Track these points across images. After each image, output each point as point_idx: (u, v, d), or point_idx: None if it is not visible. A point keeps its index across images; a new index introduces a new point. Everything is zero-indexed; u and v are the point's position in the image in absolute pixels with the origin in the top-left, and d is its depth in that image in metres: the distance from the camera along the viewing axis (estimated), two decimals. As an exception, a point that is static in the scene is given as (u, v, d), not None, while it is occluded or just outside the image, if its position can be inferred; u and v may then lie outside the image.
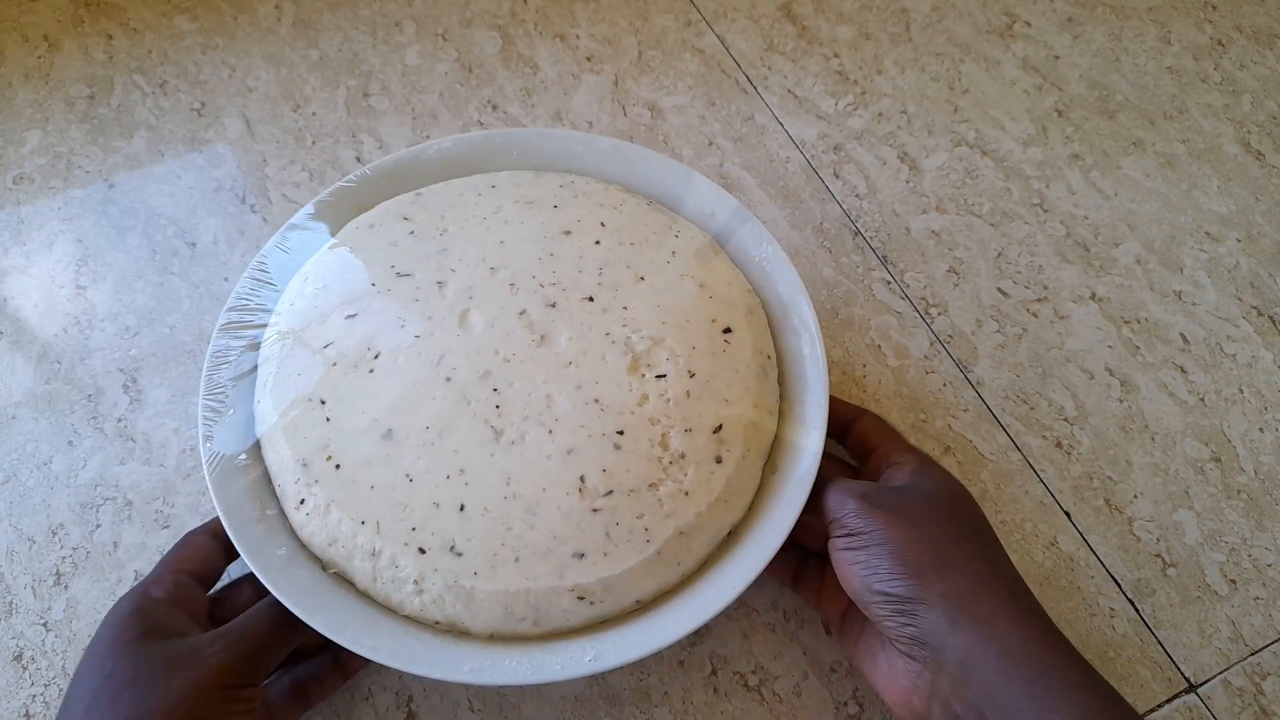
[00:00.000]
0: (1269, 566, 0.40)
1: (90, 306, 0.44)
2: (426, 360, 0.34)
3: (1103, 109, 0.54)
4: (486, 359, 0.34)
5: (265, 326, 0.36)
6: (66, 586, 0.37)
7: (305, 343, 0.35)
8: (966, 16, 0.58)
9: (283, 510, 0.33)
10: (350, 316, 0.35)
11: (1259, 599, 0.39)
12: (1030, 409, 0.43)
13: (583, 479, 0.32)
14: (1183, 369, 0.45)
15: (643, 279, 0.37)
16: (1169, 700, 0.37)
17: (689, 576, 0.33)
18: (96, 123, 0.50)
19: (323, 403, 0.34)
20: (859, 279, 0.47)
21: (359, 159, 0.50)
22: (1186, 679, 0.37)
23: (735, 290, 0.38)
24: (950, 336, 0.45)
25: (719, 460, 0.33)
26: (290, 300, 0.37)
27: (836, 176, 0.51)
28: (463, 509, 0.31)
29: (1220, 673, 0.37)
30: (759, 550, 0.32)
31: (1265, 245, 0.49)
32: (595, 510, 0.32)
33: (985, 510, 0.33)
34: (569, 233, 0.38)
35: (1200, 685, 0.37)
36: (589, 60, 0.55)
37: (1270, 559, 0.40)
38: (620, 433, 0.33)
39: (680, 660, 0.36)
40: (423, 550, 0.31)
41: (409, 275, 0.36)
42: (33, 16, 0.54)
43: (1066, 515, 0.41)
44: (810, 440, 0.34)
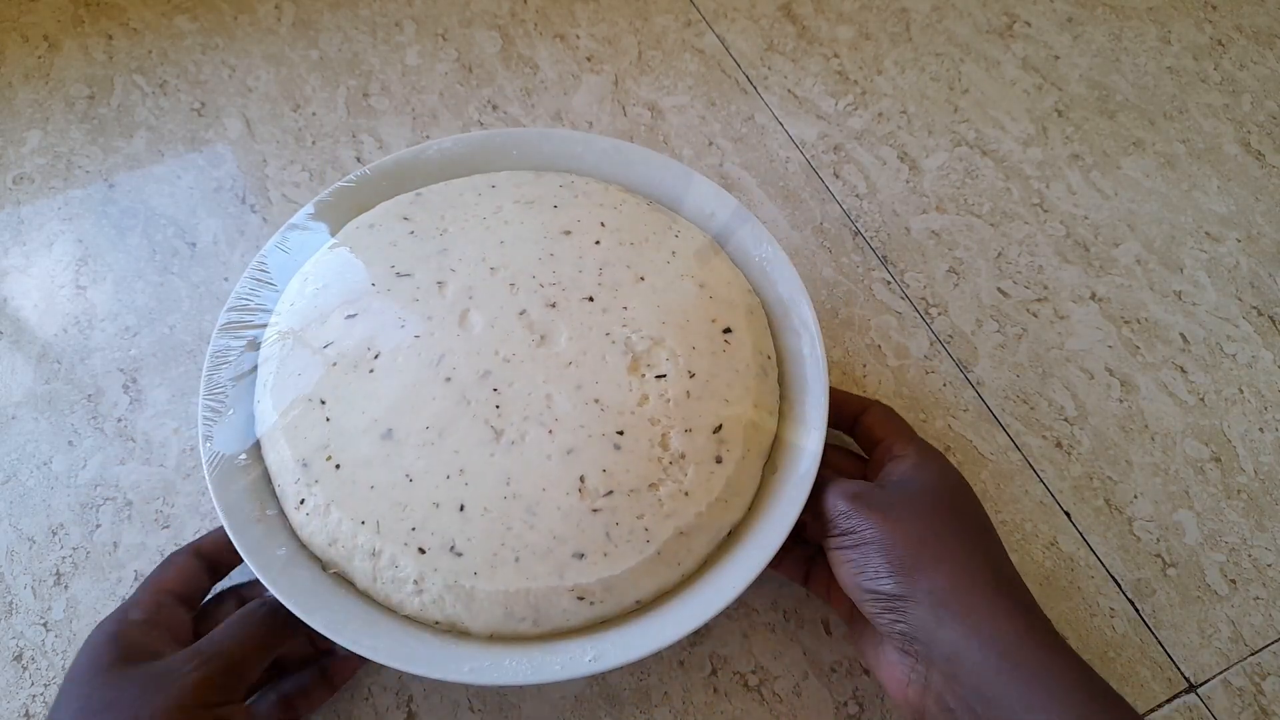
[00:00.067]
0: (1269, 566, 0.40)
1: (90, 306, 0.44)
2: (426, 360, 0.34)
3: (1103, 109, 0.54)
4: (486, 359, 0.34)
5: (265, 326, 0.36)
6: (66, 586, 0.37)
7: (305, 343, 0.35)
8: (966, 16, 0.58)
9: (283, 510, 0.33)
10: (350, 316, 0.35)
11: (1259, 599, 0.39)
12: (1030, 409, 0.43)
13: (583, 479, 0.32)
14: (1183, 369, 0.45)
15: (643, 279, 0.37)
16: (1169, 700, 0.37)
17: (689, 577, 0.33)
18: (96, 123, 0.50)
19: (323, 403, 0.34)
20: (859, 279, 0.47)
21: (359, 159, 0.50)
22: (1186, 679, 0.37)
23: (735, 290, 0.38)
24: (950, 336, 0.45)
25: (719, 460, 0.33)
26: (290, 300, 0.37)
27: (836, 176, 0.51)
28: (463, 509, 0.31)
29: (1220, 673, 0.37)
30: (759, 550, 0.32)
31: (1265, 245, 0.49)
32: (595, 510, 0.32)
33: (985, 509, 0.33)
34: (569, 233, 0.38)
35: (1200, 685, 0.37)
36: (589, 60, 0.55)
37: (1270, 559, 0.40)
38: (620, 433, 0.33)
39: (680, 660, 0.36)
40: (423, 550, 0.31)
41: (409, 275, 0.36)
42: (33, 16, 0.54)
43: (1066, 515, 0.41)
44: (810, 440, 0.34)
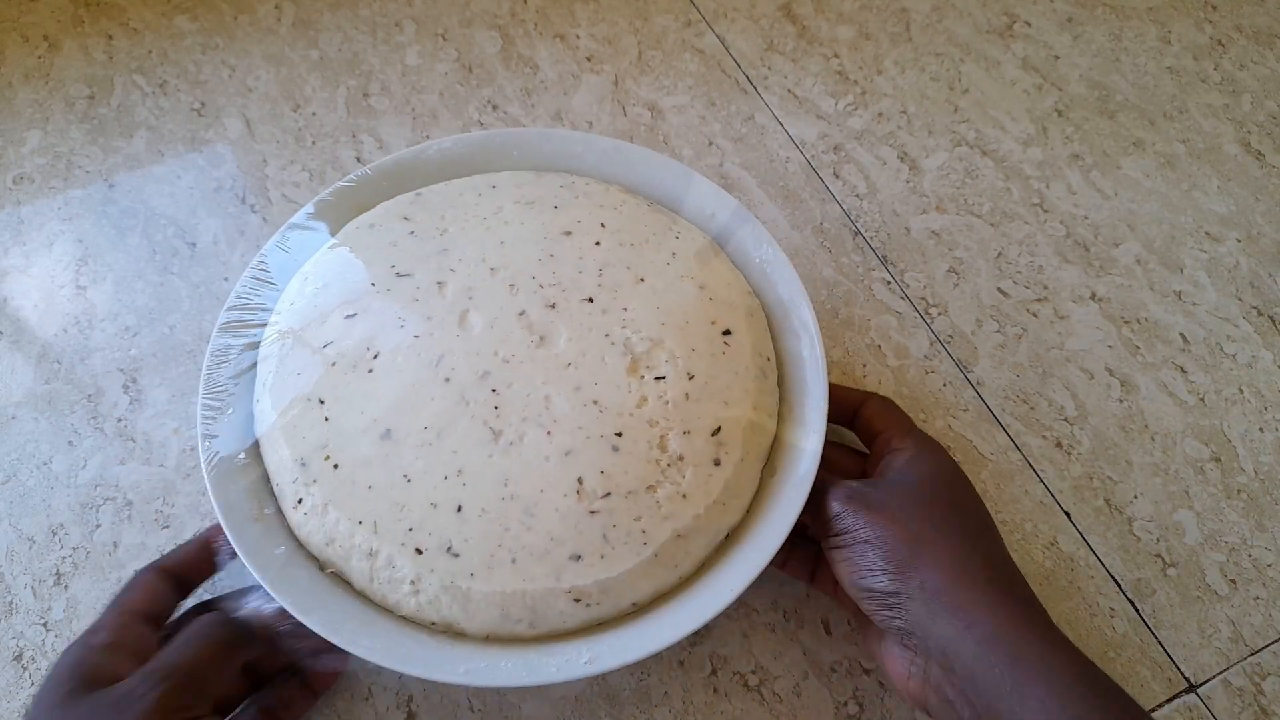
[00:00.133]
0: (1269, 566, 0.40)
1: (90, 306, 0.44)
2: (426, 360, 0.34)
3: (1103, 109, 0.54)
4: (486, 359, 0.34)
5: (265, 326, 0.36)
6: (66, 586, 0.37)
7: (305, 342, 0.35)
8: (966, 16, 0.58)
9: (281, 510, 0.33)
10: (350, 316, 0.35)
11: (1259, 599, 0.39)
12: (1030, 409, 0.43)
13: (580, 481, 0.32)
14: (1183, 369, 0.45)
15: (643, 280, 0.37)
16: (1169, 700, 0.37)
17: (686, 579, 0.33)
18: (96, 123, 0.50)
19: (321, 402, 0.34)
20: (859, 279, 0.47)
21: (359, 159, 0.50)
22: (1186, 679, 0.37)
23: (735, 292, 0.38)
24: (950, 336, 0.45)
25: (717, 463, 0.33)
26: (290, 300, 0.37)
27: (836, 176, 0.51)
28: (460, 510, 0.31)
29: (1220, 673, 0.37)
30: (756, 553, 0.32)
31: (1265, 245, 0.49)
32: (593, 512, 0.31)
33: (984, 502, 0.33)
34: (569, 233, 0.38)
35: (1200, 685, 0.37)
36: (589, 60, 0.55)
37: (1270, 559, 0.40)
38: (619, 434, 0.33)
39: (680, 660, 0.36)
40: (420, 551, 0.31)
41: (409, 275, 0.36)
42: (33, 16, 0.54)
43: (1066, 515, 0.41)
44: (809, 441, 0.34)
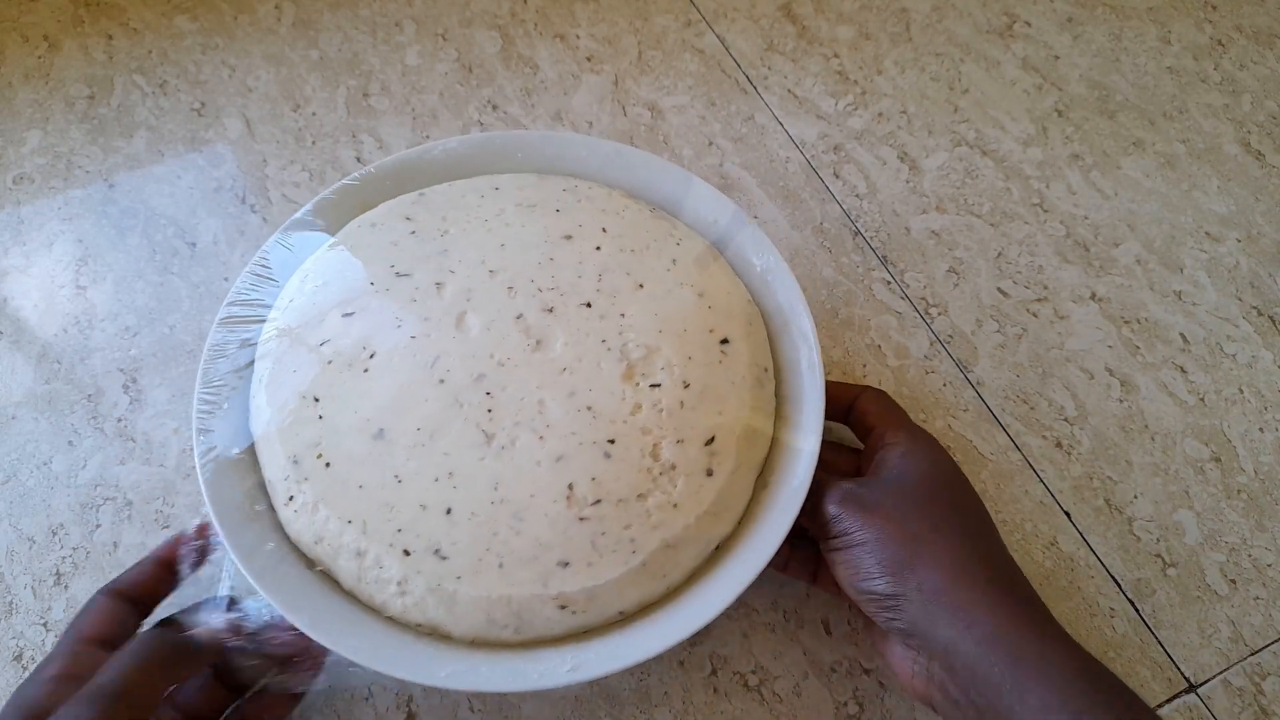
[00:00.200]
0: (1269, 566, 0.40)
1: (90, 306, 0.44)
2: (421, 361, 0.34)
3: (1103, 109, 0.54)
4: (481, 362, 0.34)
5: (264, 322, 0.36)
6: (66, 586, 0.37)
7: (302, 340, 0.35)
8: (966, 16, 0.58)
9: (272, 506, 0.33)
10: (347, 315, 0.35)
11: (1259, 599, 0.39)
12: (1030, 409, 0.43)
13: (571, 487, 0.32)
14: (1183, 369, 0.45)
15: (642, 286, 0.37)
16: (1169, 700, 0.37)
17: (675, 589, 0.32)
18: (96, 123, 0.50)
19: (316, 400, 0.33)
20: (859, 279, 0.47)
21: (359, 159, 0.50)
22: (1186, 679, 0.37)
23: (735, 300, 0.37)
24: (950, 336, 0.45)
25: (710, 473, 0.33)
26: (289, 297, 0.37)
27: (836, 176, 0.51)
28: (449, 512, 0.31)
29: (1220, 673, 0.37)
30: (747, 566, 0.32)
31: (1265, 245, 0.49)
32: (582, 519, 0.31)
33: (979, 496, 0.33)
34: (570, 238, 0.38)
35: (1200, 685, 0.37)
36: (589, 60, 0.55)
37: (1270, 559, 0.40)
38: (611, 441, 0.32)
39: (680, 660, 0.36)
40: (407, 552, 0.31)
41: (408, 275, 0.36)
42: (33, 16, 0.54)
43: (1066, 515, 0.41)
44: (806, 442, 0.34)
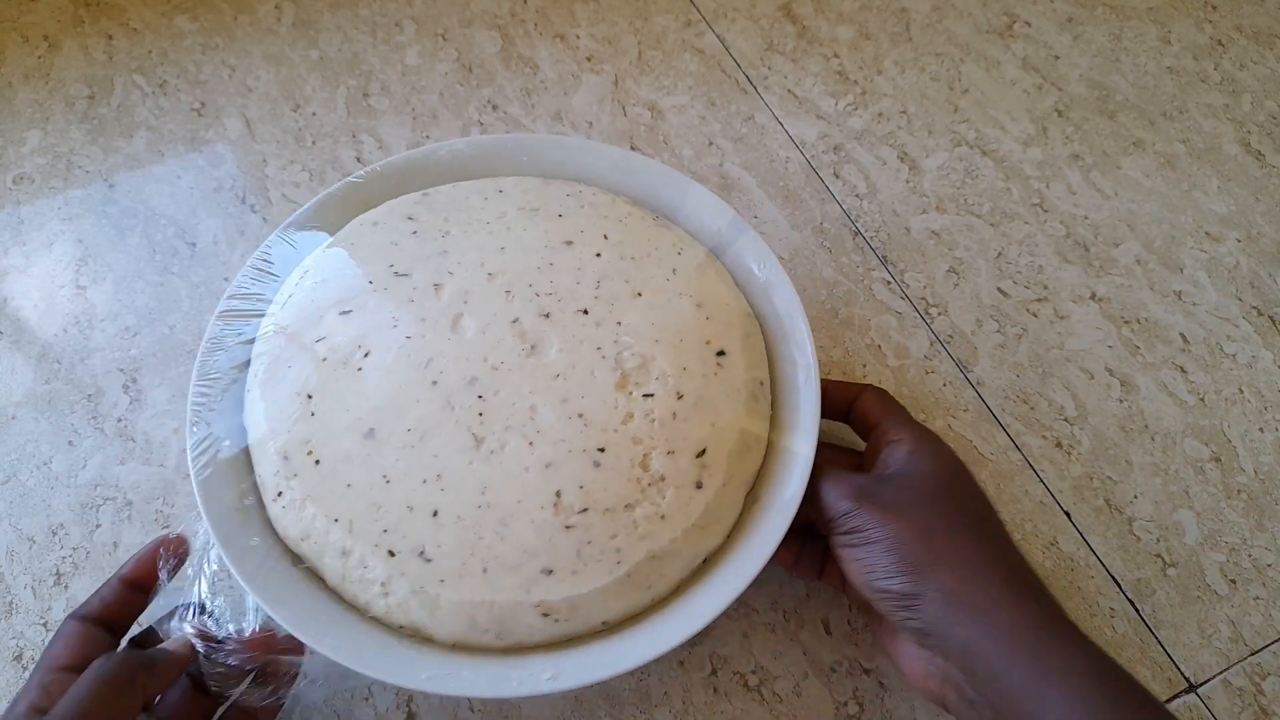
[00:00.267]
0: (1269, 566, 0.40)
1: (90, 306, 0.44)
2: (415, 362, 0.34)
3: (1103, 109, 0.54)
4: (475, 365, 0.34)
5: (262, 317, 0.36)
6: (66, 586, 0.37)
7: (298, 336, 0.35)
8: (966, 16, 0.58)
9: (261, 501, 0.33)
10: (345, 313, 0.35)
11: (1259, 599, 0.39)
12: (1030, 409, 0.43)
13: (559, 494, 0.31)
14: (1183, 369, 0.45)
15: (640, 295, 0.36)
16: (1169, 700, 0.37)
17: (660, 601, 0.32)
18: (96, 123, 0.50)
19: (309, 397, 0.33)
20: (859, 279, 0.47)
21: (359, 159, 0.50)
22: (1186, 679, 0.37)
23: (733, 312, 0.37)
24: (950, 336, 0.45)
25: (699, 485, 0.33)
26: (288, 293, 0.37)
27: (836, 176, 0.51)
28: (436, 515, 0.31)
29: (1220, 673, 0.37)
30: (733, 580, 0.31)
31: (1265, 245, 0.49)
32: (568, 527, 0.31)
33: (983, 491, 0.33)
34: (570, 243, 0.38)
35: (1200, 685, 0.37)
36: (589, 60, 0.55)
37: (1270, 559, 0.40)
38: (601, 450, 0.32)
39: (680, 660, 0.36)
40: (392, 553, 0.30)
41: (407, 275, 0.36)
42: (33, 16, 0.54)
43: (1066, 515, 0.41)
44: (803, 447, 0.34)
